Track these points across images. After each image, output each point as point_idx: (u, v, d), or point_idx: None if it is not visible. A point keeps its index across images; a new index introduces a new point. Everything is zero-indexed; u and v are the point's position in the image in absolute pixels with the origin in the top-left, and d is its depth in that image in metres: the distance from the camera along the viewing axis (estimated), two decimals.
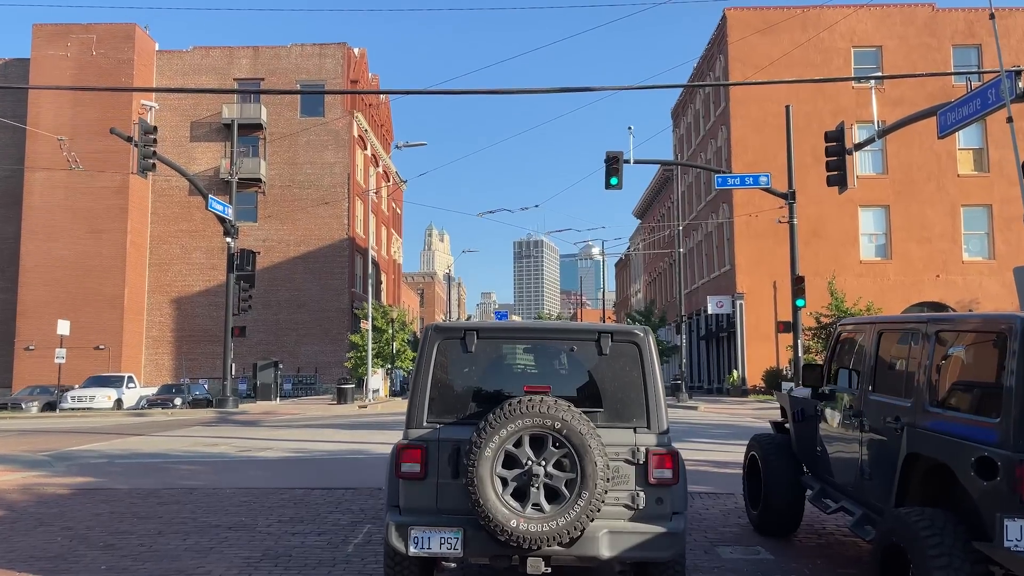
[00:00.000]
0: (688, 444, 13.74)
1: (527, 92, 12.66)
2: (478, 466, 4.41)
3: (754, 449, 7.29)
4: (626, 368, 4.92)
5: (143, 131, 22.32)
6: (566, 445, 4.45)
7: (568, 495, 4.43)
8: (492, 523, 4.39)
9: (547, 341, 5.31)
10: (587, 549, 4.57)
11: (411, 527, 4.62)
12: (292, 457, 12.34)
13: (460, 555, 4.62)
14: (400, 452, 4.75)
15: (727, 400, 32.48)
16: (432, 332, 5.02)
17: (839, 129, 19.43)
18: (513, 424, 4.45)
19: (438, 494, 4.73)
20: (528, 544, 4.42)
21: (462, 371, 5.04)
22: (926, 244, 36.20)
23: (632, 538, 4.63)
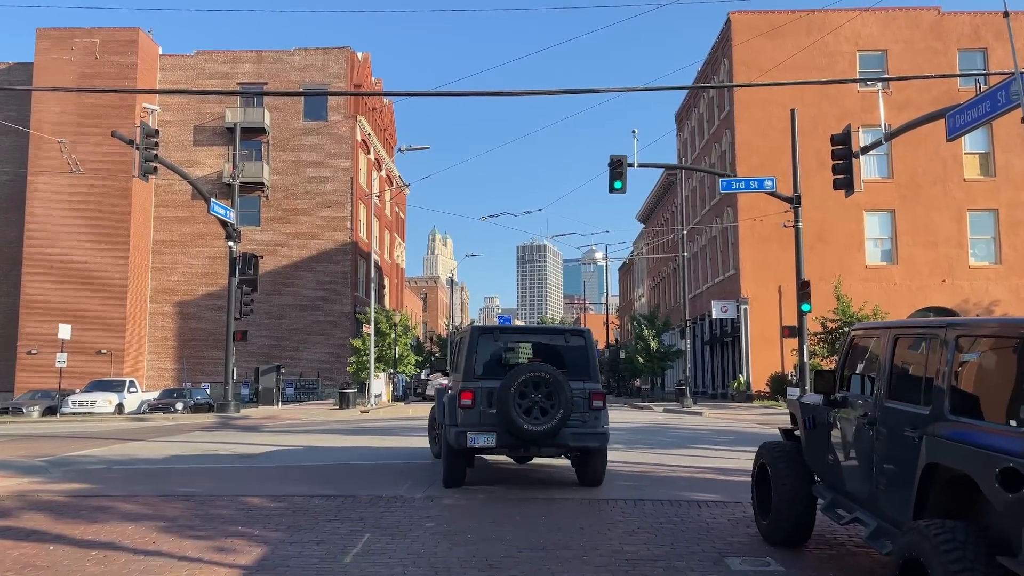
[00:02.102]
0: (693, 451, 13.54)
1: (530, 94, 12.50)
2: (506, 395, 8.88)
3: (763, 457, 7.11)
4: (578, 350, 9.82)
5: (144, 134, 22.23)
6: (550, 385, 8.94)
7: (552, 411, 8.92)
8: (513, 426, 8.89)
9: (537, 335, 10.33)
10: (561, 441, 9.11)
11: (468, 431, 9.08)
12: (291, 464, 12.17)
13: (493, 447, 9.20)
14: (460, 393, 9.28)
15: (732, 406, 32.26)
16: (475, 330, 9.95)
17: (846, 132, 19.25)
18: (524, 375, 8.94)
19: (480, 416, 9.19)
20: (531, 437, 8.94)
21: (491, 352, 9.66)
22: (932, 249, 35.98)
23: (583, 437, 9.23)
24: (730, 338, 39.35)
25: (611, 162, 25.74)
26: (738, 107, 37.27)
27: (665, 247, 53.59)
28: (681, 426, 19.67)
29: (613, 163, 25.71)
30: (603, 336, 75.75)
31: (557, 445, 9.26)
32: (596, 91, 12.80)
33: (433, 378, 42.97)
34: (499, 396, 8.97)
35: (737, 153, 36.75)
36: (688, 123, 48.94)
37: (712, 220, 41.93)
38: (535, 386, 8.97)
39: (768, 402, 32.98)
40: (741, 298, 36.62)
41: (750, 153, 36.25)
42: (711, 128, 42.41)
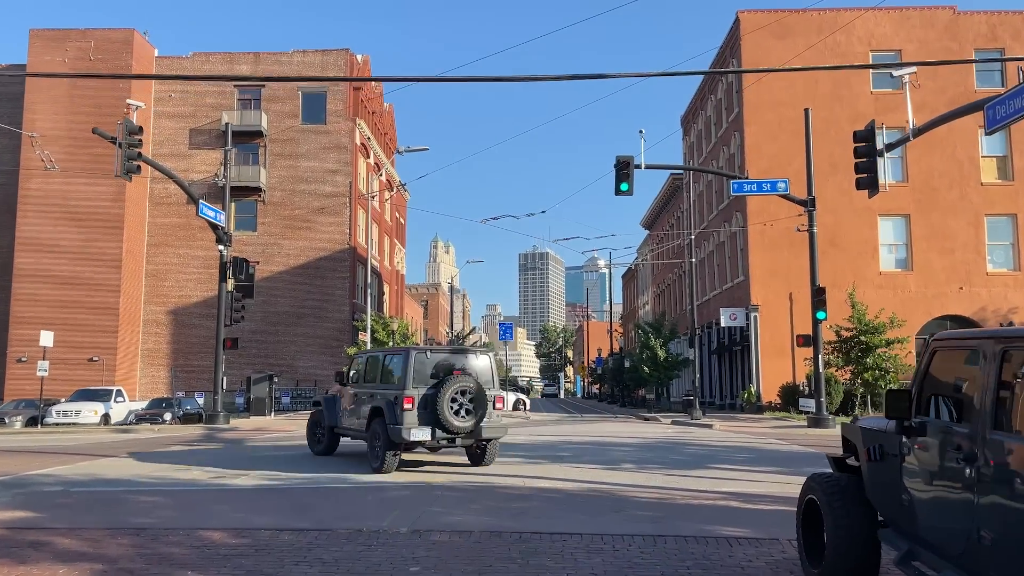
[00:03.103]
0: (711, 472, 12.32)
1: (533, 79, 11.38)
2: (441, 400, 11.84)
3: (813, 491, 5.91)
4: (487, 365, 12.98)
5: (127, 131, 21.13)
6: (473, 392, 12.07)
7: (474, 412, 12.03)
8: (446, 424, 11.84)
9: (456, 354, 13.13)
10: (479, 434, 12.28)
11: (410, 428, 11.84)
12: (267, 486, 10.97)
13: (429, 439, 12.05)
14: (404, 398, 11.99)
15: (742, 417, 31.01)
16: (411, 350, 12.74)
17: (869, 129, 18.09)
18: (455, 384, 12.03)
19: (419, 415, 12.01)
20: (458, 432, 12.03)
21: (427, 367, 12.48)
22: (948, 255, 34.78)
23: (493, 430, 12.57)
24: (739, 347, 38.12)
25: (617, 163, 24.64)
26: (747, 109, 36.14)
27: (670, 253, 52.42)
28: (693, 441, 18.45)
29: (619, 164, 24.61)
30: (607, 344, 74.50)
31: (475, 437, 12.61)
32: (604, 76, 11.68)
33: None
34: (435, 400, 12.06)
35: (746, 156, 35.61)
36: (695, 126, 47.82)
37: (720, 225, 40.76)
38: (462, 393, 12.20)
39: (780, 413, 31.72)
40: (751, 305, 35.41)
41: (760, 156, 35.11)
42: (719, 131, 41.28)
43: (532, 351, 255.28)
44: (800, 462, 13.72)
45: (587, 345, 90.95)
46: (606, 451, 15.85)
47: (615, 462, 13.48)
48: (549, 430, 23.75)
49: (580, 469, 12.47)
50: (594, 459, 14.06)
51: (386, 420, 12.13)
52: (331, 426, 14.78)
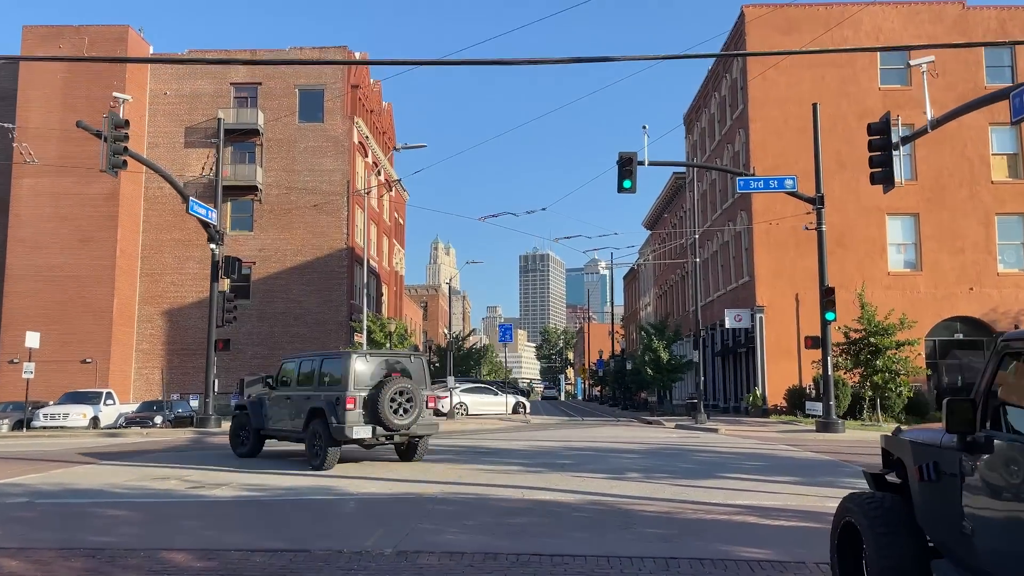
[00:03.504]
0: (722, 482, 11.54)
1: (534, 63, 10.64)
2: (381, 400, 13.17)
3: (852, 514, 5.15)
4: (420, 367, 14.50)
5: (113, 125, 20.40)
6: (411, 393, 13.53)
7: (411, 410, 13.48)
8: (387, 421, 13.22)
9: (393, 358, 14.41)
10: (415, 431, 13.79)
11: (353, 426, 13.04)
12: (247, 497, 10.21)
13: (370, 436, 13.37)
14: (347, 399, 13.13)
15: (747, 421, 30.23)
16: (352, 354, 14.04)
17: (884, 121, 17.32)
18: (394, 385, 13.38)
19: (362, 414, 13.25)
20: (397, 429, 13.45)
21: (368, 370, 13.67)
22: (959, 255, 34.00)
23: (424, 427, 14.03)
24: (744, 349, 37.34)
25: (620, 160, 23.92)
26: (752, 105, 35.39)
27: (673, 252, 51.65)
28: (701, 448, 17.67)
29: (622, 161, 23.89)
30: (608, 346, 73.68)
31: (411, 434, 13.94)
32: (609, 59, 10.94)
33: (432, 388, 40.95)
34: (376, 400, 13.30)
35: (752, 154, 34.84)
36: (698, 124, 47.07)
37: (724, 225, 40.01)
38: (400, 393, 13.50)
39: (786, 417, 30.94)
40: (756, 306, 34.63)
41: (765, 154, 34.33)
42: (723, 128, 40.52)
43: (532, 353, 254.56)
44: (815, 471, 12.96)
45: (588, 347, 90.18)
46: (609, 458, 15.08)
47: (620, 471, 12.72)
48: (549, 435, 22.99)
49: (582, 479, 11.71)
50: (597, 467, 13.30)
51: (328, 420, 13.23)
52: (257, 429, 15.50)
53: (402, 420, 13.29)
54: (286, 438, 14.94)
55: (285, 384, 15.02)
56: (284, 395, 14.82)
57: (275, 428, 15.10)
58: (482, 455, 15.72)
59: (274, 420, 15.08)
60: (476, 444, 18.81)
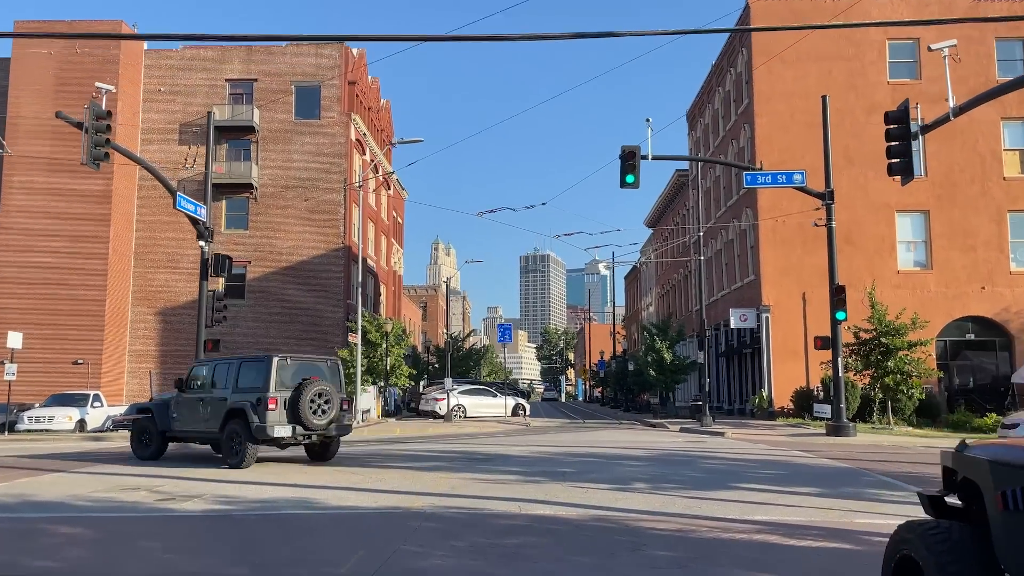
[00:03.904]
0: (738, 493, 10.65)
1: (534, 39, 9.80)
2: (302, 401, 14.01)
3: (911, 547, 4.26)
4: (334, 370, 15.48)
5: (94, 116, 19.54)
6: (329, 395, 14.40)
7: (329, 411, 14.36)
8: (307, 421, 14.11)
9: (310, 362, 15.28)
10: (330, 431, 14.66)
11: (274, 426, 13.95)
12: (217, 512, 9.34)
13: (291, 435, 14.20)
14: (269, 399, 13.95)
15: (753, 424, 29.36)
16: (272, 357, 14.59)
17: (903, 109, 16.45)
18: (314, 387, 14.25)
19: (283, 414, 14.09)
20: (316, 429, 14.32)
21: (288, 373, 14.50)
22: (970, 253, 33.14)
23: (342, 428, 15.12)
24: (749, 349, 36.46)
25: (623, 154, 23.10)
26: (758, 100, 34.53)
27: (675, 251, 50.79)
28: (709, 454, 16.79)
29: (625, 155, 23.07)
30: (609, 346, 72.79)
31: (328, 434, 14.64)
32: (612, 35, 10.07)
33: (429, 391, 40.09)
34: (296, 401, 14.01)
35: (757, 149, 33.98)
36: (701, 121, 46.20)
37: (728, 222, 39.14)
38: (320, 395, 14.20)
39: (793, 420, 30.09)
40: (762, 306, 33.76)
41: (771, 149, 33.47)
42: (727, 124, 39.65)
43: (533, 353, 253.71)
44: (835, 480, 12.09)
45: (589, 347, 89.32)
46: (614, 466, 14.20)
47: (625, 481, 11.84)
48: (550, 439, 22.12)
49: (585, 490, 10.83)
50: (601, 476, 12.42)
51: (248, 420, 13.84)
52: (162, 431, 15.79)
53: (321, 420, 14.17)
54: (195, 440, 15.68)
55: (197, 387, 15.51)
56: (196, 398, 15.29)
57: (184, 430, 15.55)
58: (478, 462, 14.85)
59: (183, 422, 15.49)
60: (472, 449, 17.94)
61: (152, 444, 15.88)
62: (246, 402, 14.01)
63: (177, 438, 15.87)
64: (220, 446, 14.63)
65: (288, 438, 14.13)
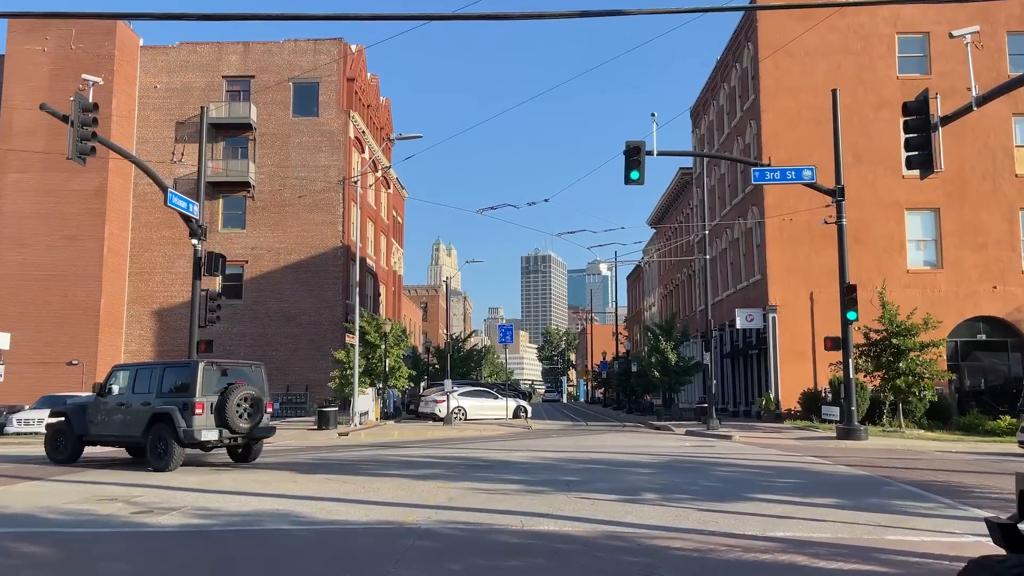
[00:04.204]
0: (755, 506, 9.93)
1: (534, 17, 9.08)
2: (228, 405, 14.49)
3: None
4: (257, 374, 15.96)
5: (80, 108, 18.85)
6: (254, 399, 14.99)
7: (255, 415, 14.97)
8: (233, 425, 14.59)
9: (235, 367, 15.78)
10: (255, 434, 15.26)
11: (201, 429, 14.32)
12: (194, 527, 8.64)
13: (218, 439, 14.66)
14: (196, 404, 14.32)
15: (761, 427, 28.64)
16: (199, 363, 15.15)
17: (922, 99, 15.73)
18: (240, 392, 14.77)
19: (209, 418, 14.50)
20: (242, 432, 14.82)
21: (214, 378, 14.93)
22: (981, 251, 32.42)
23: (266, 430, 15.60)
24: (755, 350, 35.73)
25: (627, 149, 22.42)
26: (764, 96, 33.81)
27: (679, 251, 50.09)
28: (719, 460, 16.07)
29: (629, 150, 22.39)
30: (611, 347, 72.07)
31: (253, 436, 15.12)
32: (619, 13, 9.38)
33: (429, 392, 39.38)
34: (223, 406, 14.43)
35: (764, 146, 33.26)
36: (705, 118, 45.48)
37: (734, 221, 38.43)
38: (245, 400, 14.68)
39: (801, 422, 29.38)
40: (768, 306, 33.04)
41: (778, 146, 32.75)
42: (732, 120, 38.93)
43: (534, 354, 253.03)
44: (856, 490, 11.38)
45: (591, 348, 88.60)
46: (621, 474, 13.49)
47: (634, 491, 11.14)
48: (552, 443, 21.42)
49: (592, 501, 10.13)
50: (608, 486, 11.71)
51: (175, 423, 14.18)
52: (79, 436, 15.79)
53: (246, 424, 14.73)
54: (114, 444, 15.86)
55: (120, 391, 15.69)
56: (117, 402, 15.47)
57: (102, 434, 15.63)
58: (478, 469, 14.14)
59: (102, 426, 15.57)
60: (472, 455, 17.24)
61: (67, 448, 15.89)
62: (172, 406, 14.30)
63: (95, 442, 15.91)
64: (143, 450, 14.85)
65: (215, 441, 14.58)
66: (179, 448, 14.16)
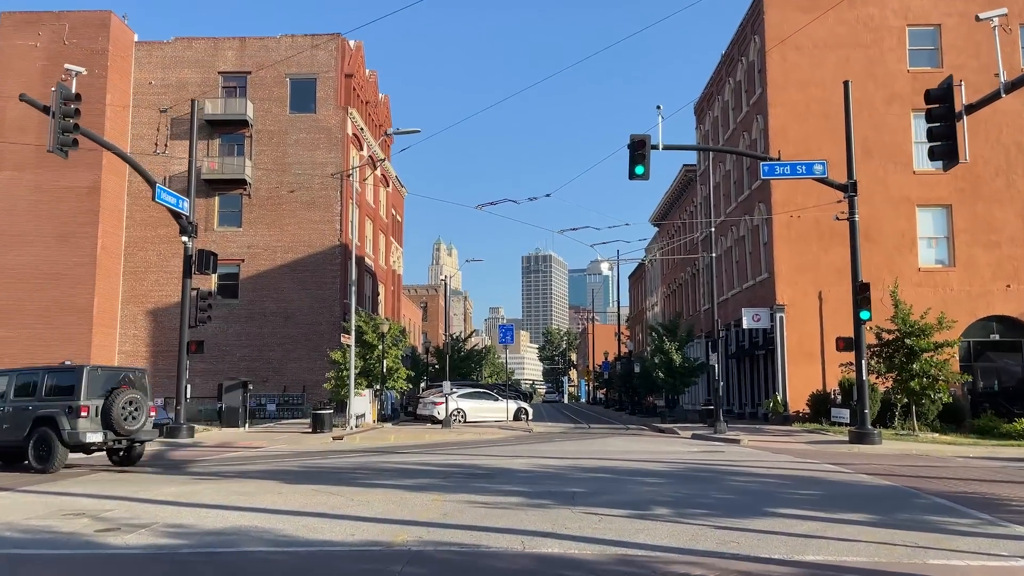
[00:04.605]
0: (774, 523, 9.10)
1: None
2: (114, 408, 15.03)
3: None
4: (141, 379, 16.53)
5: (62, 99, 18.06)
6: (139, 402, 15.59)
7: (139, 417, 15.54)
8: (118, 427, 15.10)
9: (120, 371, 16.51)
10: (140, 436, 15.78)
11: (86, 432, 14.80)
12: (162, 547, 7.83)
13: (103, 440, 15.19)
14: (81, 407, 14.73)
15: (769, 430, 27.82)
16: (84, 367, 15.58)
17: (945, 87, 14.90)
18: (126, 395, 15.31)
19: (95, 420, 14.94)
20: (126, 434, 15.38)
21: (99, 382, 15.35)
22: (994, 249, 31.60)
23: (149, 432, 16.33)
24: (762, 351, 34.90)
25: (632, 143, 21.64)
26: (772, 89, 32.97)
27: (682, 249, 49.26)
28: (732, 467, 15.24)
29: (634, 144, 21.61)
30: (612, 347, 71.24)
31: (138, 438, 15.76)
32: None
33: (427, 394, 38.56)
34: (109, 408, 14.98)
35: (771, 141, 32.42)
36: (709, 114, 44.63)
37: (740, 218, 37.59)
38: (130, 403, 15.33)
39: (811, 425, 28.55)
40: (776, 305, 32.21)
41: (786, 141, 31.88)
42: (738, 116, 38.09)
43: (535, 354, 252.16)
44: (885, 503, 10.56)
45: (592, 348, 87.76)
46: (628, 484, 12.66)
47: (644, 504, 10.31)
48: (554, 448, 20.60)
49: (599, 517, 9.31)
50: (615, 498, 10.89)
51: (59, 426, 14.60)
52: None
53: (131, 426, 15.29)
54: None
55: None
56: None
57: None
58: (476, 479, 13.32)
59: None
60: (471, 462, 16.42)
61: None
62: (56, 409, 14.70)
63: None
64: (24, 453, 14.96)
65: (100, 443, 15.13)
66: (63, 450, 14.62)
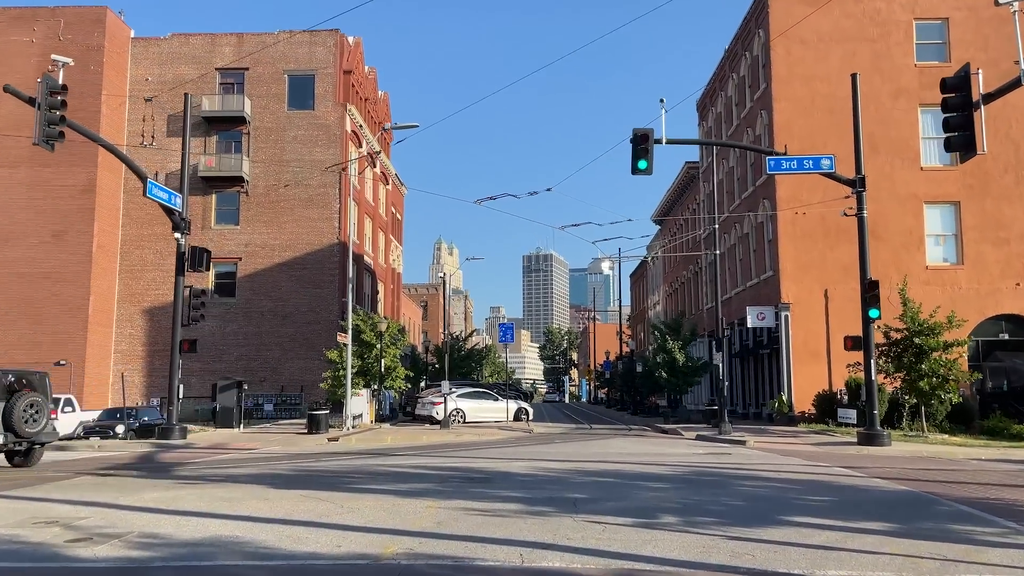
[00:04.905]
0: (790, 533, 8.54)
1: None
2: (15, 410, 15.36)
3: None
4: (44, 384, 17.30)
5: (48, 90, 17.52)
6: (39, 406, 16.04)
7: (39, 420, 15.97)
8: (19, 430, 15.50)
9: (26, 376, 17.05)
10: (40, 438, 16.18)
11: None
12: (134, 561, 7.30)
13: (3, 443, 15.46)
14: None
15: (774, 430, 27.26)
16: None
17: (962, 75, 14.35)
18: (26, 398, 15.72)
19: None
20: (27, 437, 15.77)
21: None
22: (1004, 246, 31.05)
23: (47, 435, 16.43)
24: (767, 350, 34.35)
25: (635, 137, 21.11)
26: (776, 84, 32.42)
27: (686, 247, 48.69)
28: (740, 471, 14.68)
29: (637, 139, 21.08)
30: (614, 346, 70.70)
31: (38, 441, 16.11)
32: None
33: (426, 394, 38.02)
34: (11, 411, 15.33)
35: (776, 136, 31.87)
36: (712, 110, 44.07)
37: (744, 215, 37.04)
38: (31, 406, 15.78)
39: (817, 425, 27.99)
40: (781, 304, 31.66)
41: (791, 136, 31.30)
42: (742, 112, 37.54)
43: (536, 353, 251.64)
44: (905, 511, 10.00)
45: (593, 347, 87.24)
46: (633, 489, 12.11)
47: (650, 512, 9.76)
48: (555, 451, 20.05)
49: (603, 526, 8.75)
50: (619, 505, 10.33)
51: None
52: None
53: (32, 429, 15.70)
54: None
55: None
56: None
57: None
58: (474, 483, 12.77)
59: None
60: (468, 465, 15.87)
61: None
62: None
63: None
64: None
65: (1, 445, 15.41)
66: None
